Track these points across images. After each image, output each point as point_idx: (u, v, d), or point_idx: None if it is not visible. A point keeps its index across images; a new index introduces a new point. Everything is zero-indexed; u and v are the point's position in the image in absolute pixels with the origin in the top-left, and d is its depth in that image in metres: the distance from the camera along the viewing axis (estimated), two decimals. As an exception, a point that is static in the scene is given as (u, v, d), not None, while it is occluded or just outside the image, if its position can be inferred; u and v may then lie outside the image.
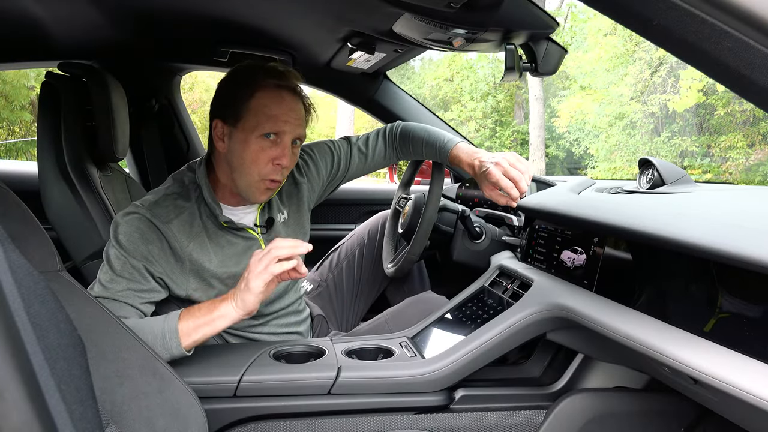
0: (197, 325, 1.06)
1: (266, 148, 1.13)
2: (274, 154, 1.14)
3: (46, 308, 0.42)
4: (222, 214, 1.18)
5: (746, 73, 0.48)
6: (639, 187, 1.44)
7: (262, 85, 1.13)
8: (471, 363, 1.13)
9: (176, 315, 1.06)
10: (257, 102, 1.12)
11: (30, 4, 1.32)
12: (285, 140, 1.15)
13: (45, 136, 1.54)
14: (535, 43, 1.28)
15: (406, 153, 1.53)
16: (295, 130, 1.16)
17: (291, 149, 1.17)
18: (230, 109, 1.14)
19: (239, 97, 1.13)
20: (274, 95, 1.13)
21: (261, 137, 1.12)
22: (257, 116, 1.12)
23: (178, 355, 1.05)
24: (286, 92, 1.15)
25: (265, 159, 1.13)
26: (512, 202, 1.26)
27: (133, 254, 1.10)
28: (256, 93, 1.12)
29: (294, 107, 1.16)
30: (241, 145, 1.13)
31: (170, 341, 1.03)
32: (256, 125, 1.12)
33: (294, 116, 1.15)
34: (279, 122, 1.13)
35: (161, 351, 1.03)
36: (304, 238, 1.38)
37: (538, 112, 12.95)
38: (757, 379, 0.71)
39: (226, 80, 1.18)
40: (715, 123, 11.35)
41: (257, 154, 1.13)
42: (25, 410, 0.32)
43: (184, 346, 1.05)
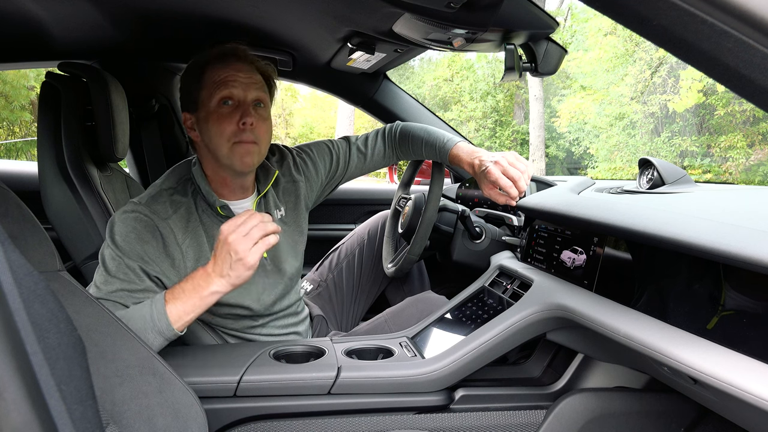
0: (187, 308, 1.04)
1: (227, 114, 1.14)
2: (237, 116, 1.13)
3: (46, 308, 0.42)
4: (218, 200, 1.18)
5: (746, 73, 0.48)
6: (639, 187, 1.45)
7: (208, 62, 1.16)
8: (471, 363, 1.13)
9: (162, 298, 1.04)
10: (206, 78, 1.15)
11: (30, 4, 1.32)
12: (244, 102, 1.15)
13: (45, 136, 1.54)
14: (535, 43, 1.28)
15: (406, 153, 1.53)
16: (248, 90, 1.15)
17: (256, 112, 1.16)
18: (189, 98, 1.18)
19: (193, 83, 1.17)
20: (219, 65, 1.15)
21: (218, 106, 1.14)
22: (209, 87, 1.14)
23: (171, 336, 1.04)
24: (232, 59, 1.16)
25: (230, 123, 1.13)
26: (511, 201, 1.27)
27: (129, 254, 1.09)
28: (205, 72, 1.15)
29: (241, 69, 1.16)
30: (205, 122, 1.15)
31: (160, 324, 1.02)
32: (210, 95, 1.14)
33: (243, 77, 1.15)
34: (228, 84, 1.13)
35: (153, 336, 1.02)
36: (300, 237, 1.38)
37: (538, 112, 12.94)
38: (757, 379, 0.71)
39: (183, 75, 1.21)
40: (715, 123, 11.34)
41: (220, 122, 1.14)
42: (25, 410, 0.32)
43: (177, 328, 1.04)
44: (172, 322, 1.03)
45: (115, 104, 1.55)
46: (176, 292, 1.05)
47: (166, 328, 1.03)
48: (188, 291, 1.05)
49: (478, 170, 1.29)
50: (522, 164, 1.25)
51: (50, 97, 1.55)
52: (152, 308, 1.03)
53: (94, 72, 1.55)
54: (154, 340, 1.03)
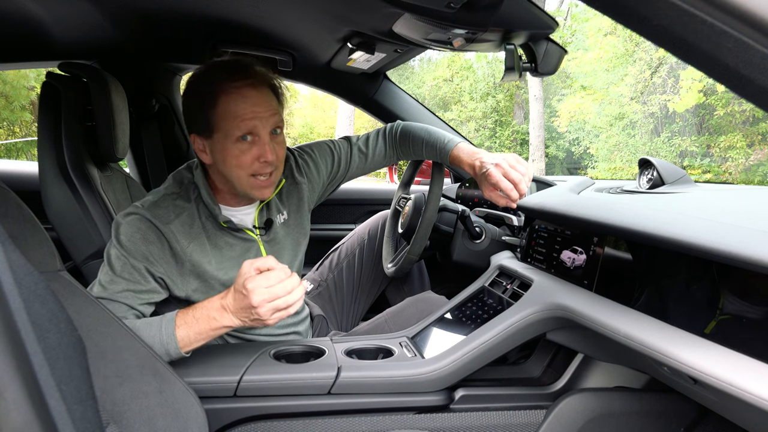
0: (197, 336, 1.05)
1: (246, 150, 1.11)
2: (256, 153, 1.11)
3: (46, 308, 0.42)
4: (221, 214, 1.18)
5: (746, 73, 0.48)
6: (639, 187, 1.45)
7: (222, 90, 1.09)
8: (471, 363, 1.13)
9: (172, 321, 1.05)
10: (222, 109, 1.09)
11: (30, 4, 1.32)
12: (262, 136, 1.11)
13: (45, 136, 1.54)
14: (534, 43, 1.28)
15: (407, 153, 1.53)
16: (268, 122, 1.12)
17: (273, 140, 1.14)
18: (200, 123, 1.12)
19: (204, 109, 1.10)
20: (236, 97, 1.09)
21: (237, 141, 1.10)
22: (226, 122, 1.09)
23: (178, 357, 1.05)
24: (247, 89, 1.10)
25: (249, 160, 1.11)
26: (512, 204, 1.27)
27: (134, 254, 1.10)
28: (219, 100, 1.09)
29: (260, 101, 1.11)
30: (222, 154, 1.11)
31: (169, 347, 1.04)
32: (228, 131, 1.09)
33: (262, 109, 1.11)
34: (248, 122, 1.09)
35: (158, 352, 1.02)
36: (303, 238, 1.38)
37: (538, 112, 12.94)
38: (757, 379, 0.71)
39: (188, 94, 1.14)
40: (715, 123, 11.34)
41: (239, 158, 1.11)
42: (25, 410, 0.32)
43: (185, 352, 1.06)
44: (181, 347, 1.04)
45: (115, 104, 1.55)
46: (188, 318, 1.05)
47: (174, 351, 1.04)
48: (201, 320, 1.05)
49: (478, 172, 1.29)
50: (523, 167, 1.25)
51: (50, 97, 1.55)
52: (161, 330, 1.04)
53: (94, 72, 1.55)
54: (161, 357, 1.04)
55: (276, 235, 1.30)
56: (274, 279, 0.99)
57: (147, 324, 1.06)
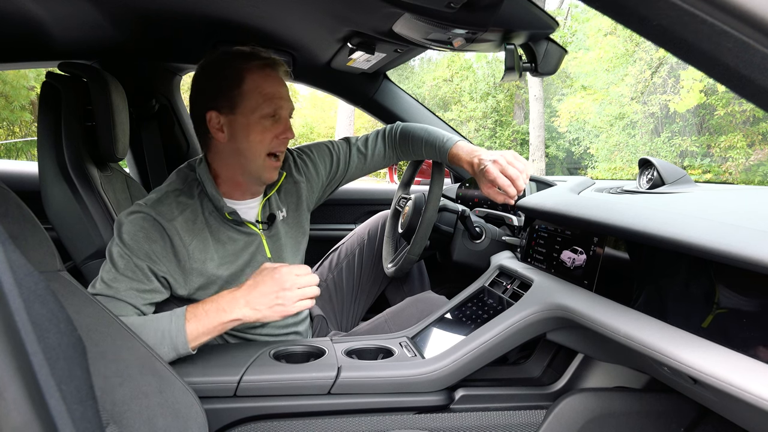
0: (206, 330, 1.06)
1: (269, 128, 1.17)
2: (278, 130, 1.18)
3: (46, 308, 0.42)
4: (226, 206, 1.19)
5: (746, 73, 0.48)
6: (639, 187, 1.45)
7: (249, 68, 1.15)
8: (471, 363, 1.13)
9: (182, 315, 1.06)
10: (249, 85, 1.14)
11: (30, 4, 1.32)
12: (284, 116, 1.19)
13: (45, 136, 1.54)
14: (535, 43, 1.28)
15: (406, 153, 1.53)
16: (288, 104, 1.19)
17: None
18: (223, 99, 1.15)
19: (229, 85, 1.14)
20: (263, 75, 1.15)
21: (263, 118, 1.15)
22: (254, 98, 1.14)
23: (184, 353, 1.06)
24: (271, 69, 1.17)
25: (270, 137, 1.17)
26: (509, 200, 1.27)
27: (137, 253, 1.10)
28: (246, 76, 1.14)
29: (282, 83, 1.19)
30: (245, 130, 1.15)
31: (177, 340, 1.04)
32: (255, 107, 1.14)
33: (285, 91, 1.19)
34: (275, 100, 1.16)
35: (167, 350, 1.04)
36: (302, 238, 1.38)
37: (538, 112, 12.94)
38: (757, 379, 0.71)
39: (209, 71, 1.18)
40: (715, 123, 11.35)
41: (262, 134, 1.16)
42: (25, 410, 0.32)
43: (192, 347, 1.06)
44: (189, 341, 1.05)
45: (115, 104, 1.55)
46: (198, 312, 1.06)
47: (182, 346, 1.04)
48: (211, 313, 1.06)
49: (476, 169, 1.29)
50: (521, 163, 1.25)
51: (50, 97, 1.55)
52: (171, 324, 1.04)
53: (94, 72, 1.55)
54: (167, 354, 1.04)
55: (278, 231, 1.30)
56: (302, 271, 1.07)
57: (156, 319, 1.06)
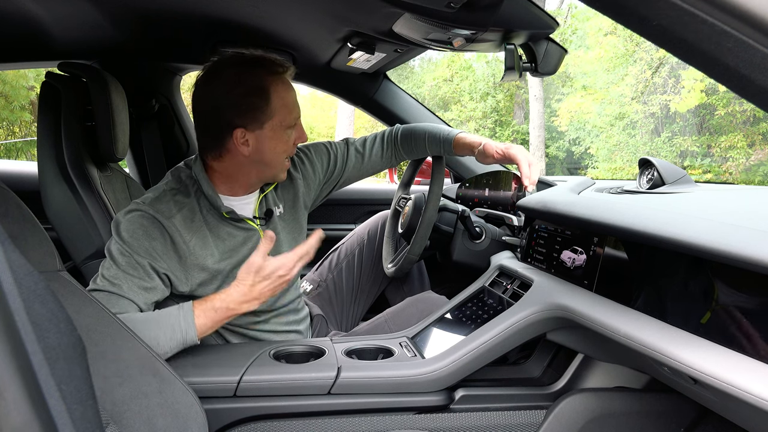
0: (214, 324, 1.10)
1: (291, 135, 1.22)
2: (296, 135, 1.23)
3: (46, 308, 0.42)
4: (224, 205, 1.19)
5: (746, 73, 0.48)
6: (639, 187, 1.45)
7: (273, 81, 1.17)
8: (471, 363, 1.13)
9: (191, 311, 1.08)
10: (276, 101, 1.17)
11: (30, 4, 1.32)
12: (299, 120, 1.23)
13: (45, 136, 1.54)
14: (535, 43, 1.28)
15: (408, 151, 1.54)
16: (300, 108, 1.24)
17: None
18: (251, 117, 1.15)
19: (258, 104, 1.15)
20: (284, 86, 1.19)
21: (288, 128, 1.20)
22: (282, 111, 1.18)
23: (188, 345, 1.09)
24: (284, 78, 1.20)
25: (291, 143, 1.23)
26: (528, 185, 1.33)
27: (137, 251, 1.10)
28: (271, 91, 1.16)
29: (293, 90, 1.22)
30: (272, 141, 1.19)
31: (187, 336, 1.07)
32: (282, 119, 1.18)
33: (296, 97, 1.23)
34: (295, 108, 1.21)
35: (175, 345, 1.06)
36: (300, 235, 1.39)
37: (538, 112, 12.94)
38: (757, 379, 0.71)
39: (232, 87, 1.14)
40: (716, 123, 11.34)
41: (287, 142, 1.21)
42: (25, 410, 0.32)
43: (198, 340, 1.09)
44: (198, 335, 1.08)
45: (115, 104, 1.55)
46: (207, 310, 1.09)
47: (191, 340, 1.07)
48: (220, 311, 1.09)
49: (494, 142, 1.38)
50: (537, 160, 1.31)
51: (50, 97, 1.55)
52: (180, 319, 1.06)
53: (94, 72, 1.55)
54: (174, 348, 1.06)
55: (275, 227, 1.31)
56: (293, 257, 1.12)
57: (165, 314, 1.08)
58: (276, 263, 1.09)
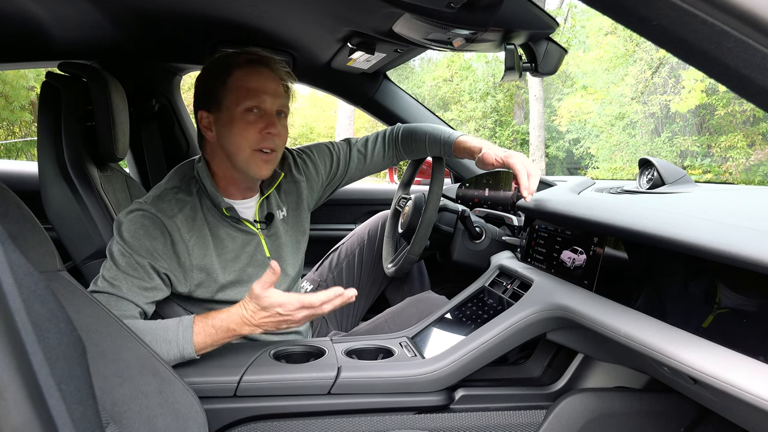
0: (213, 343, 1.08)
1: (252, 122, 1.15)
2: (262, 124, 1.15)
3: (46, 308, 0.42)
4: (224, 201, 1.19)
5: (746, 73, 0.48)
6: (639, 187, 1.45)
7: (236, 64, 1.16)
8: (471, 363, 1.13)
9: (190, 327, 1.06)
10: (234, 81, 1.15)
11: (30, 4, 1.32)
12: (269, 111, 1.16)
13: (45, 136, 1.54)
14: (535, 43, 1.28)
15: (409, 151, 1.54)
16: (276, 100, 1.17)
17: (279, 121, 1.18)
18: (211, 97, 1.17)
19: (217, 83, 1.16)
20: (249, 70, 1.16)
21: (245, 112, 1.14)
22: (237, 93, 1.14)
23: (189, 359, 1.07)
24: (260, 66, 1.17)
25: (254, 131, 1.15)
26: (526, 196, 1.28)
27: (138, 251, 1.10)
28: (232, 73, 1.15)
29: (270, 79, 1.17)
30: (228, 126, 1.15)
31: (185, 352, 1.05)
32: (238, 101, 1.14)
33: (272, 87, 1.17)
34: (259, 94, 1.14)
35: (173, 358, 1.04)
36: (303, 238, 1.38)
37: (538, 112, 12.94)
38: (757, 379, 0.71)
39: (203, 73, 1.21)
40: (716, 123, 11.34)
41: (245, 128, 1.14)
42: (25, 410, 0.32)
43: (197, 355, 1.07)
44: (196, 351, 1.06)
45: (115, 104, 1.55)
46: (207, 327, 1.07)
47: (189, 355, 1.06)
48: (220, 331, 1.07)
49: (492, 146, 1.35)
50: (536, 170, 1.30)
51: (50, 97, 1.54)
52: (179, 334, 1.05)
53: (94, 72, 1.55)
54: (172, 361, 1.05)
55: (277, 231, 1.31)
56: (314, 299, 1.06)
57: (164, 327, 1.06)
58: (275, 299, 1.04)
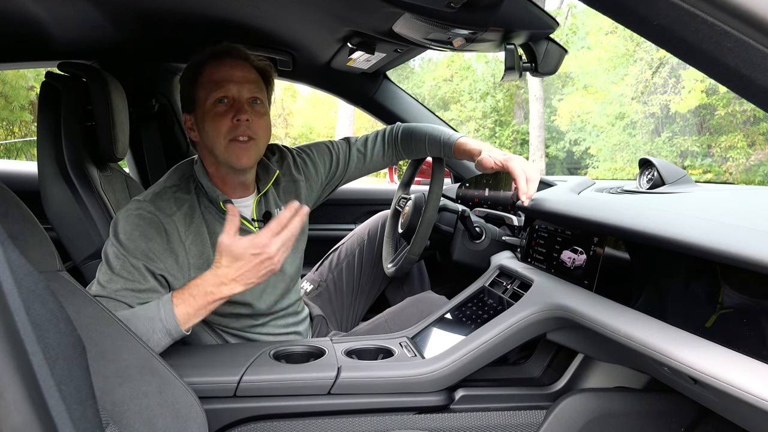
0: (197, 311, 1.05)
1: (223, 112, 1.15)
2: (232, 113, 1.15)
3: (46, 308, 0.42)
4: (221, 195, 1.19)
5: (746, 73, 0.48)
6: (639, 187, 1.45)
7: (205, 62, 1.18)
8: (471, 363, 1.13)
9: (169, 300, 1.05)
10: (203, 77, 1.17)
11: (30, 4, 1.32)
12: (238, 99, 1.16)
13: (45, 136, 1.54)
14: (535, 43, 1.28)
15: (408, 151, 1.54)
16: (243, 88, 1.17)
17: (252, 108, 1.18)
18: (187, 99, 1.20)
19: (191, 84, 1.19)
20: (215, 64, 1.17)
21: (214, 104, 1.16)
22: (205, 87, 1.16)
23: (178, 336, 1.05)
24: (227, 58, 1.18)
25: (225, 121, 1.15)
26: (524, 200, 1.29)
27: (133, 253, 1.10)
28: (202, 71, 1.17)
29: (236, 67, 1.18)
30: (203, 121, 1.17)
31: (169, 324, 1.03)
32: (207, 95, 1.16)
33: (238, 75, 1.17)
34: (224, 83, 1.15)
35: (160, 336, 1.03)
36: (302, 237, 1.38)
37: (538, 112, 12.94)
38: (757, 379, 0.71)
39: (181, 78, 1.24)
40: (716, 123, 11.35)
41: (217, 119, 1.15)
42: (25, 410, 0.32)
43: (185, 329, 1.05)
44: (181, 324, 1.04)
45: (115, 104, 1.55)
46: (185, 296, 1.05)
47: (175, 329, 1.03)
48: (198, 297, 1.05)
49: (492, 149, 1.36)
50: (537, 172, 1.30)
51: (50, 97, 1.54)
52: (160, 310, 1.04)
53: (94, 72, 1.55)
54: (161, 339, 1.03)
55: None
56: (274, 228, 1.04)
57: (144, 308, 1.05)
58: (244, 242, 1.02)
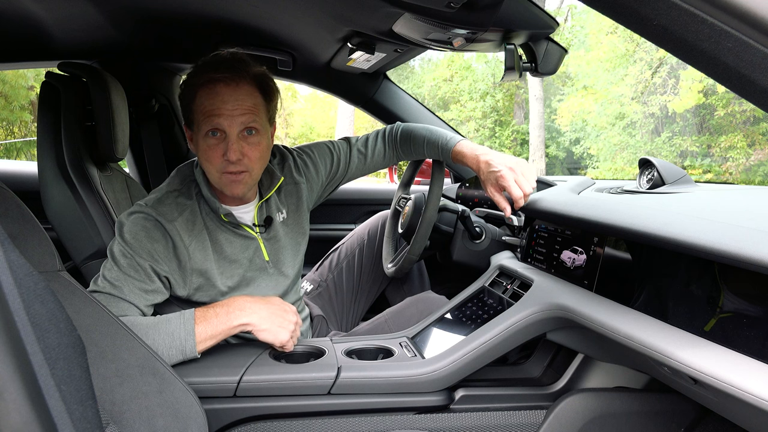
0: (213, 333, 1.07)
1: (213, 146, 1.12)
2: (222, 149, 1.12)
3: (46, 308, 0.42)
4: (222, 207, 1.19)
5: (746, 73, 0.48)
6: (639, 187, 1.45)
7: (200, 83, 1.12)
8: (471, 363, 1.13)
9: (192, 318, 1.06)
10: (197, 103, 1.12)
11: (30, 4, 1.32)
12: (229, 134, 1.11)
13: (45, 136, 1.54)
14: (535, 43, 1.28)
15: (407, 152, 1.54)
16: (235, 120, 1.10)
17: (244, 140, 1.13)
18: (186, 115, 1.18)
19: (188, 102, 1.15)
20: (208, 91, 1.11)
21: (206, 136, 1.12)
22: (198, 115, 1.12)
23: (190, 357, 1.06)
24: (220, 85, 1.10)
25: (216, 156, 1.12)
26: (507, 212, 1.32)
27: (140, 253, 1.10)
28: (197, 94, 1.12)
29: (230, 98, 1.10)
30: (197, 148, 1.16)
31: (186, 343, 1.04)
32: (199, 124, 1.13)
33: (231, 107, 1.10)
34: (214, 118, 1.10)
35: (175, 353, 1.04)
36: (303, 238, 1.38)
37: (537, 112, 12.94)
38: (757, 379, 0.71)
39: (180, 89, 1.18)
40: (716, 123, 11.35)
41: (208, 152, 1.13)
42: (25, 410, 0.32)
43: (198, 351, 1.06)
44: (197, 344, 1.05)
45: (115, 104, 1.55)
46: (208, 314, 1.07)
47: (190, 349, 1.05)
48: (221, 316, 1.08)
49: (486, 170, 1.32)
50: (533, 179, 1.29)
51: (50, 97, 1.54)
52: (182, 326, 1.05)
53: (94, 72, 1.55)
54: (173, 357, 1.04)
55: (276, 233, 1.30)
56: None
57: (166, 321, 1.06)
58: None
